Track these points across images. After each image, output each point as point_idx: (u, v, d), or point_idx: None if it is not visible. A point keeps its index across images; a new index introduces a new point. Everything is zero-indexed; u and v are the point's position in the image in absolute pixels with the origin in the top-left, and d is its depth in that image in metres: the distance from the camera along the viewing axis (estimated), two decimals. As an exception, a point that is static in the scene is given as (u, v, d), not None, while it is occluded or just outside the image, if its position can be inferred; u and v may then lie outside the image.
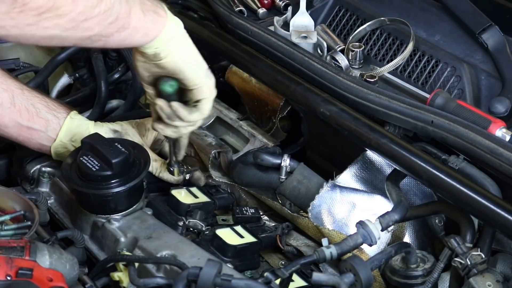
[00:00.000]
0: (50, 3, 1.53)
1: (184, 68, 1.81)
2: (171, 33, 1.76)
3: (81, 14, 1.59)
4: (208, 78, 1.86)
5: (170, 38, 1.76)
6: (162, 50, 1.76)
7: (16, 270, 1.53)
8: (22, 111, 1.95)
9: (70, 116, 2.00)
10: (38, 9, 1.53)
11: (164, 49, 1.77)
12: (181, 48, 1.79)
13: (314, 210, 1.86)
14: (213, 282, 1.51)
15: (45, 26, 1.56)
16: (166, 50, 1.77)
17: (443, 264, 1.66)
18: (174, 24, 1.77)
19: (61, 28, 1.59)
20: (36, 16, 1.54)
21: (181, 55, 1.80)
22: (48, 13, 1.54)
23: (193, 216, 1.90)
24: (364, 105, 1.88)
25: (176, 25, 1.78)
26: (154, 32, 1.74)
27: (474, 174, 1.74)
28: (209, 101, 1.87)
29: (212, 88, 1.87)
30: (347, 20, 2.22)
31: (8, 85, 1.95)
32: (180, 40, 1.79)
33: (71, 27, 1.60)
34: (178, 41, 1.78)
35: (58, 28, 1.58)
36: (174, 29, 1.77)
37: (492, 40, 2.01)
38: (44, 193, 1.97)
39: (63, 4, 1.55)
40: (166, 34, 1.75)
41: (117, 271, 1.70)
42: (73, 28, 1.60)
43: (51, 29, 1.58)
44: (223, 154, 2.09)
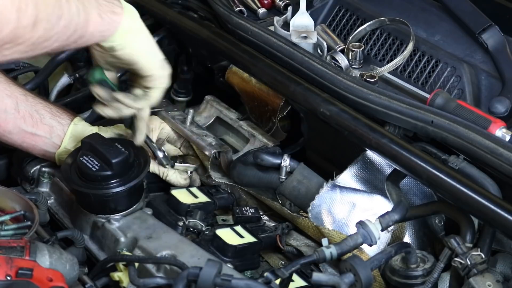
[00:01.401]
0: (11, 35, 1.53)
1: (138, 59, 1.81)
2: (127, 27, 1.76)
3: (41, 37, 1.59)
4: (162, 68, 1.86)
5: (125, 32, 1.76)
6: (117, 43, 1.77)
7: (16, 270, 1.53)
8: (26, 118, 1.96)
9: (74, 123, 2.00)
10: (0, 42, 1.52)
11: (120, 43, 1.77)
12: (136, 40, 1.80)
13: (314, 210, 1.86)
14: (213, 282, 1.51)
15: (4, 54, 1.56)
16: (121, 44, 1.78)
17: (443, 264, 1.66)
18: (130, 18, 1.77)
19: (20, 52, 1.59)
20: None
21: (136, 47, 1.80)
22: (9, 44, 1.54)
23: (193, 216, 1.90)
24: (364, 105, 1.88)
25: (132, 19, 1.78)
26: (110, 32, 1.75)
27: (474, 174, 1.74)
28: (159, 90, 1.87)
29: (165, 79, 1.87)
30: (347, 20, 2.22)
31: (12, 91, 1.96)
32: (135, 33, 1.79)
33: (30, 50, 1.60)
34: (134, 34, 1.79)
35: (17, 53, 1.59)
36: (129, 23, 1.77)
37: (492, 40, 2.01)
38: (44, 193, 1.97)
39: (23, 33, 1.55)
40: (122, 30, 1.76)
41: (117, 271, 1.70)
42: (31, 51, 1.61)
43: (10, 55, 1.58)
44: (223, 154, 2.09)
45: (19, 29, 1.53)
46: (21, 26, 1.53)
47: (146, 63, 1.83)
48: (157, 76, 1.85)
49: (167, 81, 1.88)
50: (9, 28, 1.51)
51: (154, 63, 1.84)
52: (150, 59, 1.83)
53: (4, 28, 1.50)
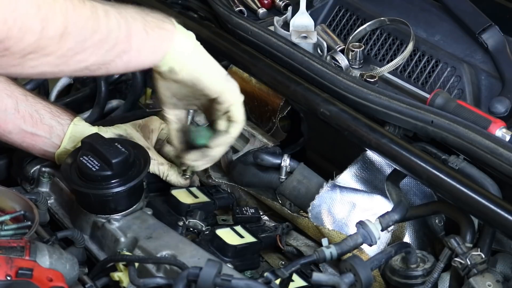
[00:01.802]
0: (34, 45, 1.47)
1: (202, 77, 1.77)
2: (182, 46, 1.72)
3: (71, 50, 1.53)
4: (229, 82, 1.82)
5: (182, 51, 1.72)
6: (175, 64, 1.73)
7: (16, 270, 1.53)
8: (26, 117, 1.95)
9: (74, 123, 2.00)
10: (21, 52, 1.47)
11: (178, 63, 1.73)
12: (195, 59, 1.76)
13: (314, 210, 1.86)
14: (213, 282, 1.51)
15: (31, 66, 1.51)
16: (180, 64, 1.73)
17: (443, 264, 1.66)
18: (184, 36, 1.74)
19: (50, 65, 1.53)
20: (20, 58, 1.48)
21: (196, 65, 1.76)
22: (33, 54, 1.49)
23: (193, 216, 1.90)
24: (364, 105, 1.88)
25: (187, 37, 1.75)
26: (162, 49, 1.70)
27: (474, 174, 1.74)
28: (238, 106, 1.83)
29: (237, 92, 1.82)
30: (347, 20, 2.22)
31: (12, 91, 1.95)
32: (193, 52, 1.75)
33: (62, 63, 1.54)
34: (191, 53, 1.75)
35: (47, 66, 1.53)
36: (184, 41, 1.73)
37: (492, 40, 2.01)
38: (44, 193, 1.97)
39: (48, 44, 1.49)
40: (177, 48, 1.72)
41: (117, 271, 1.70)
42: (64, 64, 1.55)
43: (39, 67, 1.52)
44: (223, 154, 2.08)
45: (43, 40, 1.47)
46: (46, 36, 1.47)
47: (210, 79, 1.78)
48: (227, 91, 1.80)
49: (239, 94, 1.83)
50: (32, 38, 1.46)
51: (219, 78, 1.80)
52: (213, 75, 1.79)
53: (26, 37, 1.45)
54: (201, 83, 1.78)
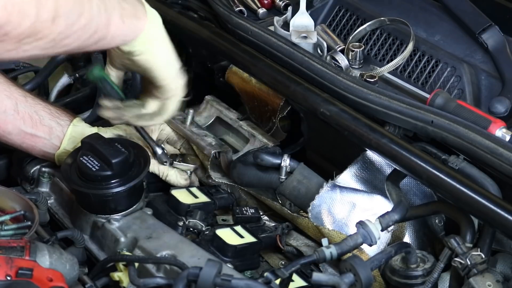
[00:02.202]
0: (30, 29, 1.51)
1: (155, 67, 1.81)
2: (148, 34, 1.76)
3: (61, 34, 1.57)
4: (178, 78, 1.86)
5: (146, 39, 1.76)
6: (137, 49, 1.77)
7: (16, 270, 1.53)
8: (25, 118, 1.96)
9: (73, 124, 2.00)
10: (19, 36, 1.50)
11: (139, 49, 1.77)
12: (156, 48, 1.80)
13: (314, 210, 1.86)
14: (213, 282, 1.51)
15: (24, 49, 1.54)
16: (140, 50, 1.77)
17: (443, 264, 1.66)
18: (152, 24, 1.77)
19: (40, 49, 1.57)
20: (16, 43, 1.51)
21: (154, 54, 1.80)
22: (28, 38, 1.52)
23: (193, 216, 1.90)
24: (364, 105, 1.88)
25: (154, 25, 1.78)
26: (131, 36, 1.74)
27: (474, 174, 1.74)
28: (173, 101, 1.88)
29: (179, 90, 1.87)
30: (347, 20, 2.22)
31: (11, 92, 1.96)
32: (156, 40, 1.79)
33: (50, 46, 1.58)
34: (154, 41, 1.78)
35: (37, 49, 1.56)
36: (151, 30, 1.77)
37: (492, 40, 2.01)
38: (44, 193, 1.97)
39: (43, 27, 1.53)
40: (143, 36, 1.75)
41: (117, 271, 1.70)
42: (52, 47, 1.59)
43: (30, 51, 1.56)
44: (223, 154, 2.08)
45: (38, 23, 1.51)
46: (40, 20, 1.51)
47: (162, 72, 1.82)
48: (172, 86, 1.85)
49: (181, 92, 1.87)
50: (28, 22, 1.49)
51: (170, 72, 1.84)
52: (166, 68, 1.83)
53: (24, 22, 1.48)
54: (152, 72, 1.82)
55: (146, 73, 1.83)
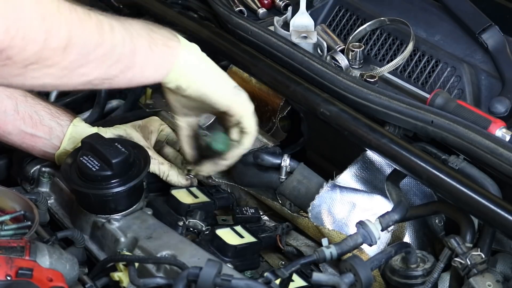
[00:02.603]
0: (36, 56, 1.46)
1: (209, 93, 1.78)
2: (186, 63, 1.73)
3: (74, 62, 1.53)
4: (236, 95, 1.82)
5: (186, 68, 1.73)
6: (181, 81, 1.74)
7: (16, 270, 1.53)
8: (25, 119, 1.96)
9: (73, 124, 2.00)
10: (24, 62, 1.46)
11: (184, 81, 1.74)
12: (201, 75, 1.76)
13: (314, 210, 1.86)
14: (213, 282, 1.51)
15: (33, 76, 1.50)
16: (186, 81, 1.74)
17: (443, 264, 1.66)
18: (188, 52, 1.74)
19: (53, 77, 1.52)
20: (22, 68, 1.47)
21: (203, 82, 1.76)
22: (35, 64, 1.48)
23: (193, 216, 1.90)
24: (364, 105, 1.88)
25: (190, 53, 1.74)
26: (165, 66, 1.71)
27: (474, 174, 1.74)
28: (248, 118, 1.85)
29: (247, 103, 1.84)
30: (347, 20, 2.22)
31: (11, 92, 1.95)
32: (197, 68, 1.75)
33: (64, 75, 1.54)
34: (196, 69, 1.75)
35: (49, 77, 1.52)
36: (188, 58, 1.73)
37: (492, 40, 2.01)
38: (44, 193, 1.97)
39: (51, 55, 1.48)
40: (180, 65, 1.72)
41: (117, 271, 1.70)
42: (66, 76, 1.54)
43: (41, 78, 1.51)
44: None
45: (46, 51, 1.47)
46: (49, 47, 1.47)
47: (216, 94, 1.79)
48: (235, 104, 1.82)
49: (249, 105, 1.84)
50: (34, 48, 1.45)
51: (226, 93, 1.80)
52: (220, 89, 1.79)
53: (29, 48, 1.44)
54: (208, 99, 1.79)
55: (205, 104, 1.79)
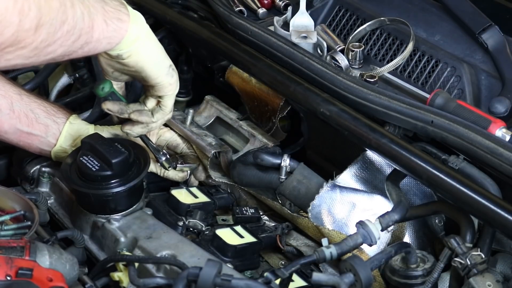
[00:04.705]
0: (12, 38, 1.50)
1: (145, 67, 1.82)
2: (133, 35, 1.76)
3: (44, 41, 1.57)
4: (169, 75, 1.86)
5: (132, 40, 1.76)
6: (124, 51, 1.77)
7: (16, 270, 1.53)
8: (21, 117, 1.96)
9: (69, 121, 2.00)
10: (0, 45, 1.50)
11: (126, 52, 1.77)
12: (143, 48, 1.80)
13: (314, 210, 1.86)
14: (213, 282, 1.51)
15: (7, 59, 1.54)
16: (128, 52, 1.78)
17: (443, 264, 1.66)
18: (136, 25, 1.77)
19: (23, 57, 1.56)
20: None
21: (143, 55, 1.80)
22: (11, 47, 1.52)
23: (193, 216, 1.90)
24: (364, 105, 1.88)
25: (138, 26, 1.78)
26: (116, 39, 1.74)
27: (474, 174, 1.74)
28: (169, 98, 1.89)
29: (174, 86, 1.88)
30: (347, 20, 2.22)
31: (6, 91, 1.96)
32: (142, 40, 1.79)
33: (34, 55, 1.58)
34: (140, 41, 1.78)
35: (20, 58, 1.56)
36: (136, 31, 1.77)
37: (492, 40, 2.01)
38: (44, 193, 1.97)
39: (25, 36, 1.52)
40: (129, 38, 1.76)
41: (117, 271, 1.70)
42: (35, 56, 1.58)
43: (13, 60, 1.55)
44: (223, 154, 2.09)
45: (21, 32, 1.50)
46: (23, 29, 1.50)
47: (152, 71, 1.83)
48: (165, 84, 1.86)
49: (175, 87, 1.89)
50: (10, 31, 1.49)
51: (161, 71, 1.84)
52: (156, 66, 1.83)
53: (6, 31, 1.48)
54: (143, 72, 1.83)
55: (138, 74, 1.84)
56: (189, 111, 2.18)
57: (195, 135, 2.11)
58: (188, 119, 2.16)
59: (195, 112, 2.22)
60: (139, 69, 1.82)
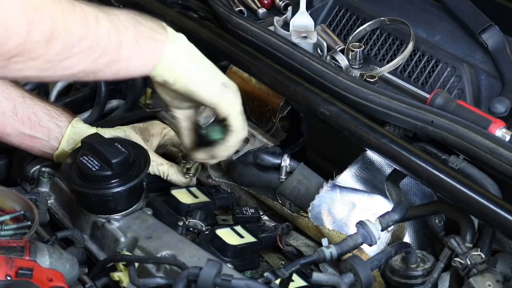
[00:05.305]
0: (19, 48, 1.45)
1: (195, 90, 1.76)
2: (173, 57, 1.71)
3: (58, 55, 1.52)
4: (223, 93, 1.79)
5: (173, 63, 1.71)
6: (168, 77, 1.72)
7: (16, 270, 1.53)
8: (24, 120, 1.96)
9: (72, 125, 2.00)
10: (6, 54, 1.45)
11: (170, 76, 1.72)
12: (187, 71, 1.74)
13: (314, 210, 1.86)
14: (213, 282, 1.51)
15: (17, 69, 1.49)
16: (172, 76, 1.72)
17: (443, 264, 1.66)
18: (175, 46, 1.72)
19: (36, 69, 1.52)
20: (5, 61, 1.47)
21: (189, 77, 1.74)
22: (18, 57, 1.47)
23: (193, 216, 1.90)
24: (364, 105, 1.88)
25: (178, 46, 1.72)
26: (152, 61, 1.69)
27: (474, 174, 1.74)
28: (235, 116, 1.82)
29: (233, 103, 1.81)
30: (347, 20, 2.22)
31: (9, 93, 1.96)
32: (184, 63, 1.73)
33: (48, 68, 1.53)
34: (182, 64, 1.73)
35: (33, 70, 1.51)
36: (175, 52, 1.71)
37: (492, 40, 2.01)
38: (44, 193, 1.97)
39: (34, 47, 1.47)
40: (167, 60, 1.70)
41: (117, 271, 1.70)
42: (50, 69, 1.53)
43: (24, 71, 1.51)
44: (226, 157, 2.08)
45: (29, 43, 1.46)
46: (32, 40, 1.46)
47: (203, 93, 1.76)
48: (222, 103, 1.79)
49: (235, 104, 1.81)
50: (17, 41, 1.44)
51: (213, 90, 1.77)
52: (207, 87, 1.77)
53: (11, 40, 1.44)
54: (195, 95, 1.77)
55: (193, 99, 1.78)
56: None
57: (195, 135, 2.11)
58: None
59: (195, 112, 2.21)
60: (189, 93, 1.75)
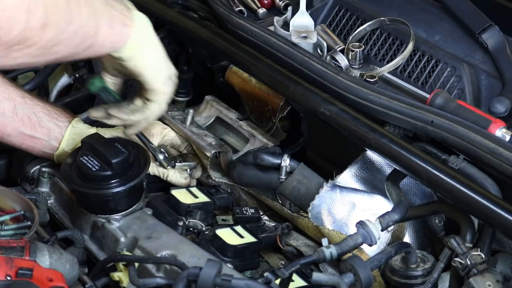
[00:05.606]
0: (20, 36, 1.50)
1: (144, 72, 1.80)
2: (136, 40, 1.75)
3: (50, 41, 1.56)
4: (165, 85, 1.84)
5: (135, 45, 1.75)
6: (125, 55, 1.76)
7: (16, 270, 1.53)
8: (24, 120, 1.96)
9: (72, 125, 2.00)
10: (8, 43, 1.50)
11: (127, 55, 1.76)
12: (144, 54, 1.79)
13: (314, 210, 1.86)
14: (213, 282, 1.51)
15: (14, 57, 1.54)
16: (129, 56, 1.77)
17: (443, 264, 1.66)
18: (141, 30, 1.76)
19: (30, 56, 1.56)
20: (6, 49, 1.51)
21: (143, 60, 1.79)
22: (18, 45, 1.52)
23: (193, 216, 1.90)
24: (364, 105, 1.88)
25: (143, 31, 1.77)
26: (120, 43, 1.73)
27: (474, 174, 1.74)
28: (158, 105, 1.86)
29: (166, 96, 1.85)
30: (347, 20, 2.22)
31: (9, 93, 1.96)
32: (145, 46, 1.78)
33: (40, 54, 1.57)
34: (143, 47, 1.78)
35: (27, 57, 1.56)
36: (139, 36, 1.76)
37: (492, 40, 2.01)
38: (44, 193, 1.97)
39: (32, 34, 1.52)
40: (131, 42, 1.74)
41: (117, 271, 1.70)
42: (42, 55, 1.58)
43: (21, 58, 1.55)
44: (223, 154, 2.09)
45: (28, 31, 1.50)
46: (30, 27, 1.50)
47: (150, 77, 1.81)
48: (159, 91, 1.84)
49: (167, 97, 1.86)
50: (18, 29, 1.49)
51: (159, 78, 1.83)
52: (155, 73, 1.82)
53: (14, 29, 1.48)
54: (141, 77, 1.81)
55: (136, 78, 1.83)
56: (189, 111, 2.17)
57: (195, 135, 2.11)
58: (188, 119, 2.16)
59: (195, 112, 2.22)
60: (137, 74, 1.81)
